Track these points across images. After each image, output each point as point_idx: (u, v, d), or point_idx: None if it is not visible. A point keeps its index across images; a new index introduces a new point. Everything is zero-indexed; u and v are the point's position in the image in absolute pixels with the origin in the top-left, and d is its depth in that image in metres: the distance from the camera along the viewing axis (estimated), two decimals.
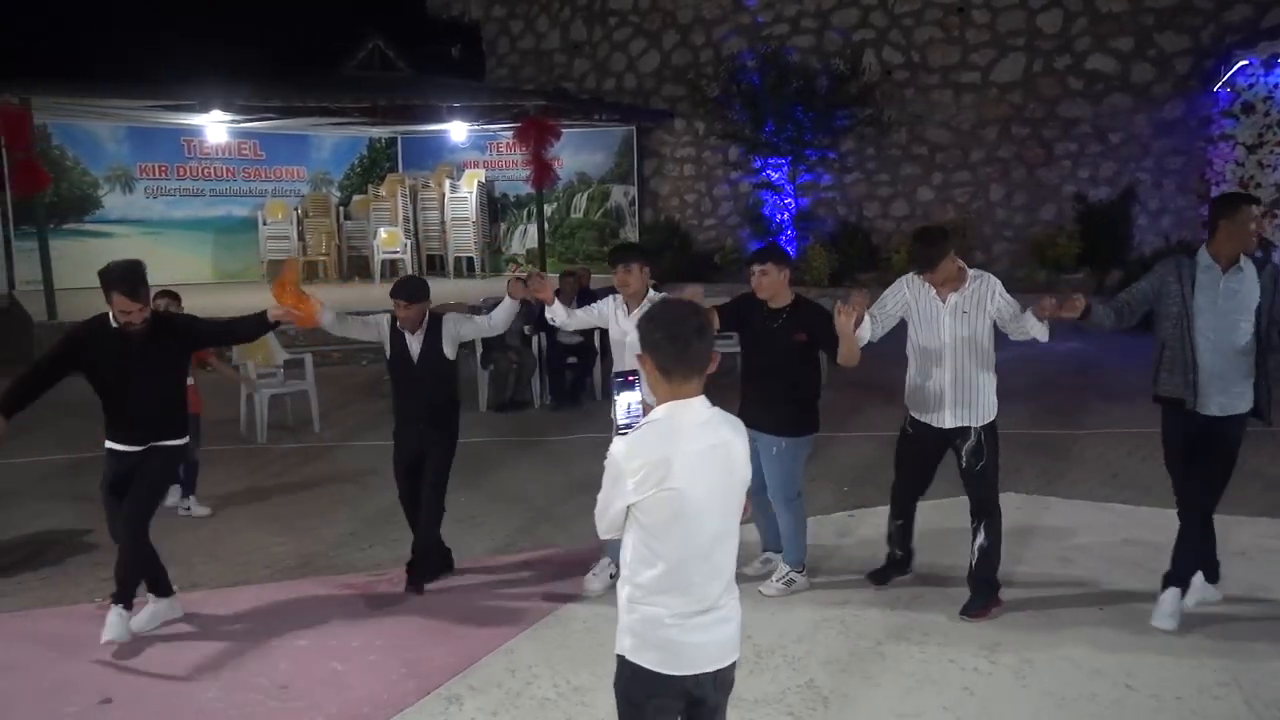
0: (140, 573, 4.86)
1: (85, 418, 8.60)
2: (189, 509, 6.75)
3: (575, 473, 7.29)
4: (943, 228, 5.21)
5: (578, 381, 10.16)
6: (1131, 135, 14.70)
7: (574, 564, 5.60)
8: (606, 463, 2.60)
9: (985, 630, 4.70)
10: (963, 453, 4.82)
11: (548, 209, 16.26)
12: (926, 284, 4.79)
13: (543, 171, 13.75)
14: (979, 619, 4.81)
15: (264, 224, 16.28)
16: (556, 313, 5.27)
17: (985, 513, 4.88)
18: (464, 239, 17.05)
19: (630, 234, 17.24)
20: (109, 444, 4.87)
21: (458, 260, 17.12)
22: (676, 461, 2.53)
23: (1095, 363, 11.40)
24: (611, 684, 4.23)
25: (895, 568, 5.28)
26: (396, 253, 16.37)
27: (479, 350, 9.93)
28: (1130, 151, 14.73)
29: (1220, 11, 14.09)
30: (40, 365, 4.86)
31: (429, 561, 5.38)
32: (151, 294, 4.99)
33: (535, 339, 10.07)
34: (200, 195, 16.45)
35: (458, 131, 17.14)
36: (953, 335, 4.74)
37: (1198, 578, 4.83)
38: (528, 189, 17.29)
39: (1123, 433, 7.89)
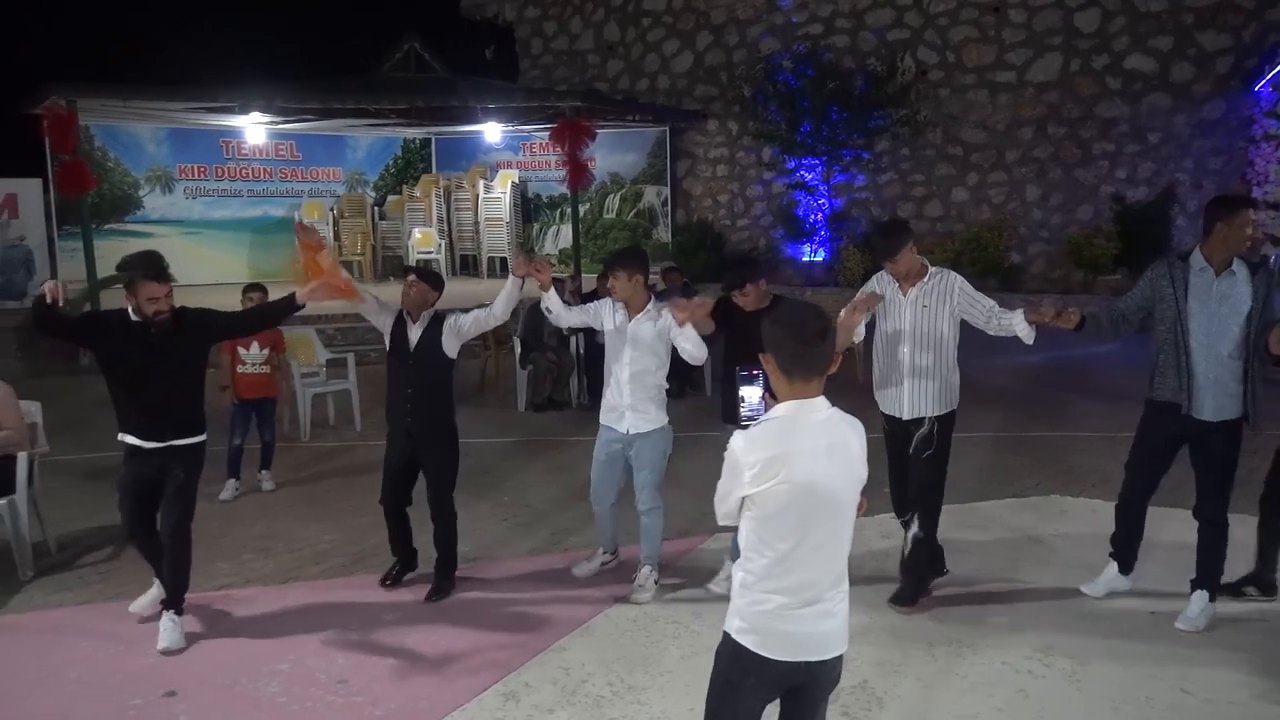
0: (187, 575, 4.86)
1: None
2: (261, 483, 7.33)
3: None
4: (904, 220, 5.28)
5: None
6: (1170, 135, 14.57)
7: (629, 563, 5.65)
8: (726, 455, 2.70)
9: (1037, 634, 4.70)
10: (915, 439, 4.88)
11: (580, 209, 16.32)
12: (892, 278, 4.86)
13: (578, 172, 13.79)
14: (908, 609, 4.89)
15: (302, 231, 16.39)
16: (551, 301, 5.29)
17: (924, 502, 4.95)
18: (497, 239, 17.14)
19: (663, 234, 17.29)
20: (125, 437, 4.78)
21: (491, 260, 17.21)
22: (792, 458, 2.62)
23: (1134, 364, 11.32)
24: (664, 684, 4.31)
25: (923, 580, 5.24)
26: (431, 253, 16.47)
27: (517, 350, 10.00)
28: (1169, 151, 14.60)
29: (1262, 10, 13.93)
30: (64, 316, 4.72)
31: (447, 570, 5.33)
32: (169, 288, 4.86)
33: (573, 339, 10.12)
34: (238, 196, 16.64)
35: (492, 132, 17.23)
36: (912, 328, 4.81)
37: (1111, 566, 5.04)
38: (560, 189, 17.39)
39: None
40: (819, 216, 16.19)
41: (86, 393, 9.96)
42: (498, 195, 17.12)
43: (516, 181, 17.40)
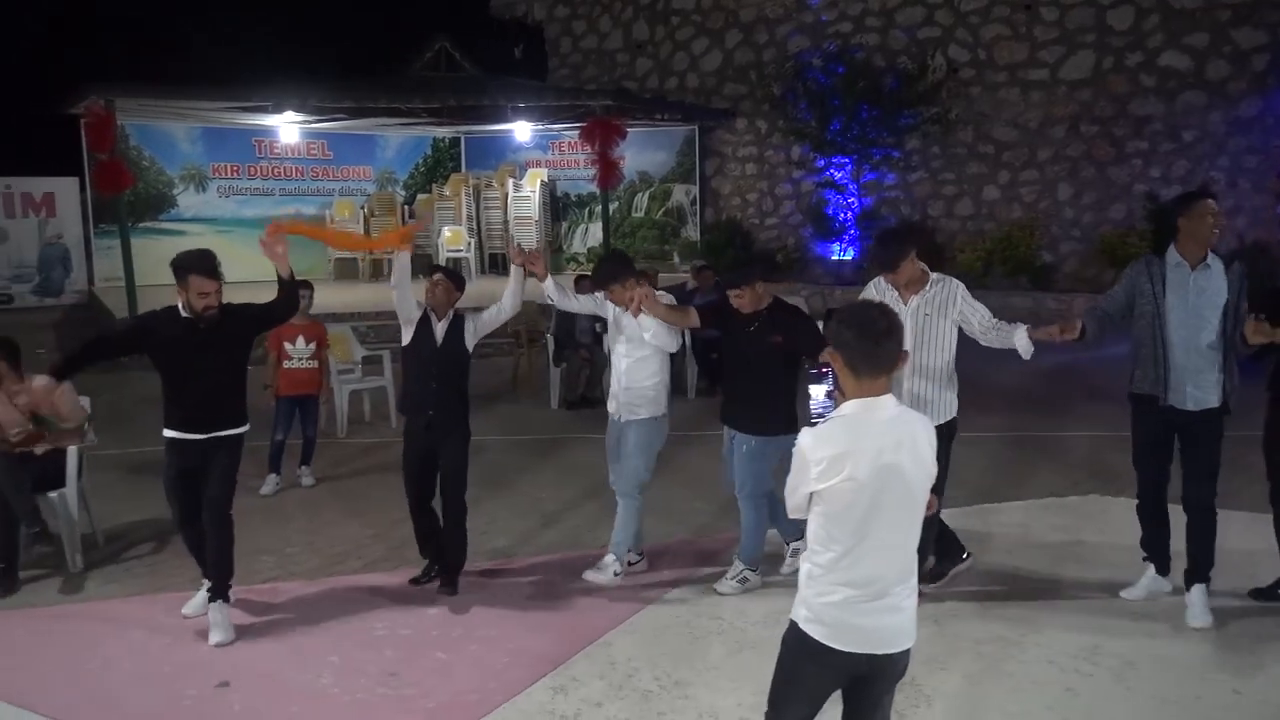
0: (231, 559, 4.95)
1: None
2: (300, 478, 7.42)
3: (677, 467, 7.37)
4: (903, 229, 5.34)
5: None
6: (1205, 133, 14.43)
7: (660, 557, 5.68)
8: (794, 451, 2.76)
9: (1082, 633, 4.69)
10: None
11: (609, 208, 16.36)
12: (891, 286, 4.86)
13: (608, 171, 13.83)
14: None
15: (332, 222, 16.52)
16: (549, 289, 5.39)
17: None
18: (526, 238, 17.16)
19: (691, 233, 17.31)
20: (169, 433, 4.89)
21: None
22: (858, 455, 2.67)
23: None
24: (710, 680, 4.33)
25: (944, 562, 5.27)
26: (460, 251, 16.55)
27: (550, 348, 10.04)
28: (1204, 150, 14.47)
29: None
30: (109, 337, 4.95)
31: (456, 561, 5.36)
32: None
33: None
34: (270, 194, 16.78)
35: (522, 131, 17.30)
36: (913, 336, 4.78)
37: (1149, 570, 5.01)
38: (589, 188, 17.42)
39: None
40: (848, 215, 16.16)
41: (126, 388, 10.11)
42: (527, 194, 17.18)
43: (545, 180, 17.45)
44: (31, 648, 4.74)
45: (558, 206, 17.93)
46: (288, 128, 16.15)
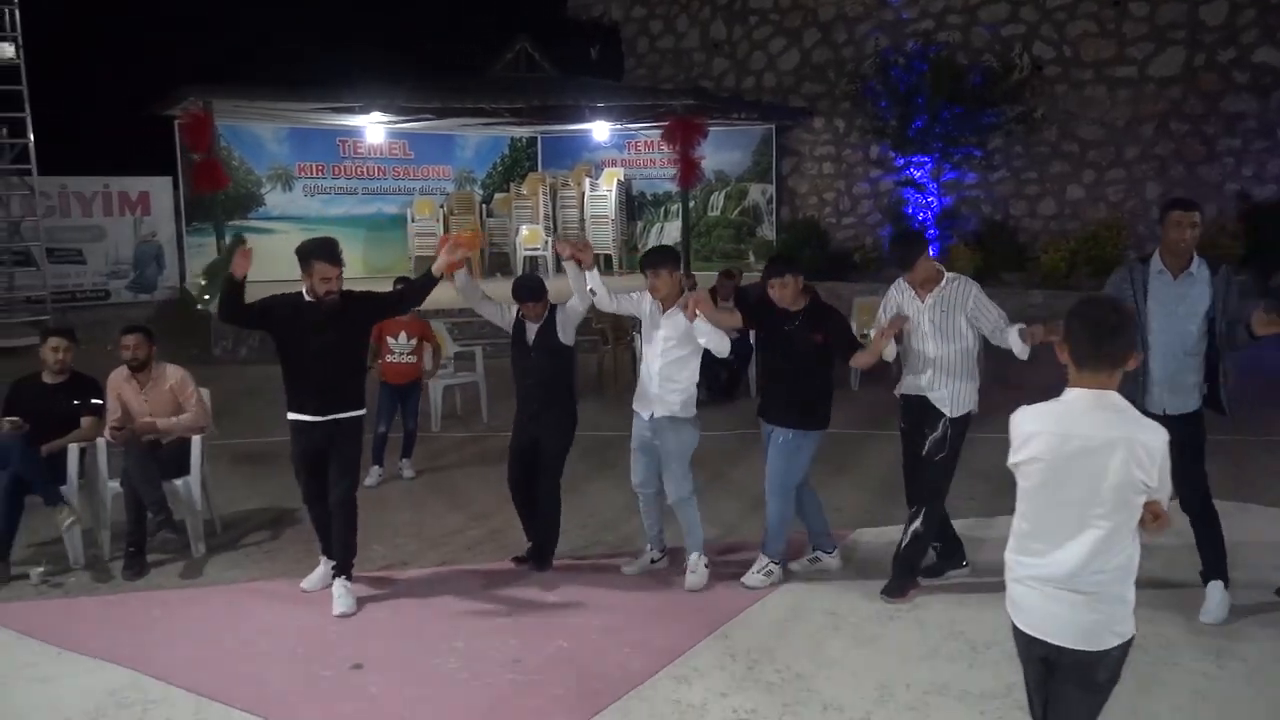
0: (355, 541, 5.25)
1: (271, 404, 9.13)
2: (401, 471, 7.58)
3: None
4: (919, 231, 5.44)
5: (733, 377, 10.26)
6: None
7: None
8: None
9: (1207, 636, 4.64)
10: (928, 441, 5.03)
11: None
12: (908, 285, 5.07)
13: (689, 170, 13.88)
14: (897, 600, 5.03)
15: (412, 221, 16.84)
16: (594, 281, 5.40)
17: (929, 500, 5.09)
18: (603, 237, 17.32)
19: (767, 232, 17.29)
20: (293, 415, 5.18)
21: (595, 258, 17.33)
22: (1055, 439, 2.74)
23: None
24: (831, 674, 4.37)
25: (944, 560, 5.38)
26: (537, 250, 16.72)
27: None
28: None
29: None
30: (249, 305, 5.13)
31: (548, 546, 5.61)
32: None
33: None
34: (353, 194, 17.11)
35: (601, 131, 17.41)
36: (930, 332, 4.99)
37: (1214, 586, 4.90)
38: (665, 187, 17.50)
39: None
40: (928, 214, 16.01)
41: (225, 381, 10.37)
42: (603, 193, 17.31)
43: (622, 179, 17.57)
44: (169, 628, 4.94)
45: (633, 206, 18.03)
46: (374, 127, 16.45)
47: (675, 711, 4.07)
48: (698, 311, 5.11)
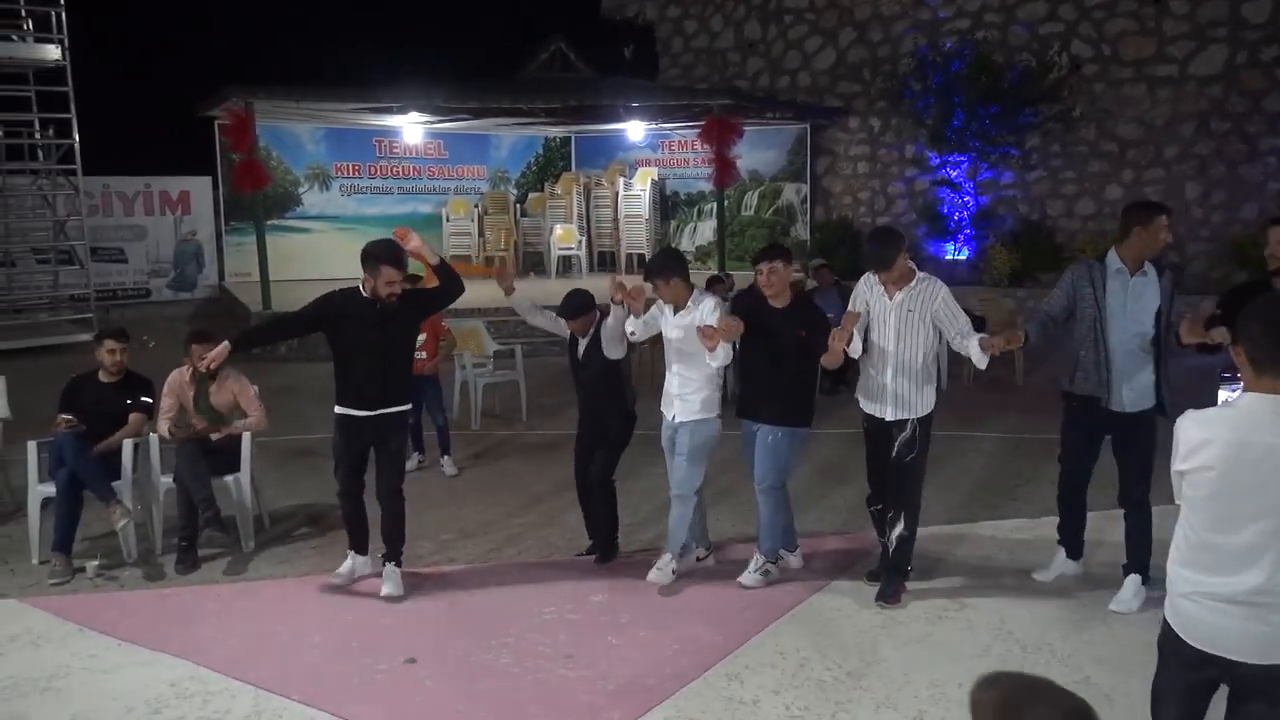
0: (404, 530, 5.41)
1: (311, 401, 9.21)
2: (443, 468, 7.68)
3: (818, 462, 7.47)
4: (895, 229, 5.39)
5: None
6: None
7: (821, 553, 5.72)
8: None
9: None
10: (897, 443, 5.01)
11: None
12: (879, 282, 5.02)
13: (725, 170, 13.88)
14: (892, 605, 5.01)
15: (447, 220, 16.96)
16: (635, 325, 5.40)
17: (906, 504, 5.07)
18: (636, 236, 17.37)
19: (801, 232, 17.26)
20: (340, 409, 5.29)
21: (629, 257, 17.45)
22: (1229, 447, 2.59)
23: None
24: (882, 672, 4.38)
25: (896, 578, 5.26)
26: (571, 249, 16.80)
27: None
28: None
29: None
30: (288, 318, 5.40)
31: (608, 544, 5.75)
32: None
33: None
34: (389, 193, 17.25)
35: (635, 131, 17.46)
36: (897, 332, 4.96)
37: (1060, 553, 5.31)
38: (698, 187, 17.52)
39: None
40: (963, 214, 15.93)
41: (265, 379, 10.48)
42: (637, 193, 17.35)
43: (656, 179, 17.60)
44: (223, 622, 5.02)
45: (667, 205, 18.06)
46: (411, 128, 16.57)
47: (728, 708, 4.09)
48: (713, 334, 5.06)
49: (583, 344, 5.61)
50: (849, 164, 17.36)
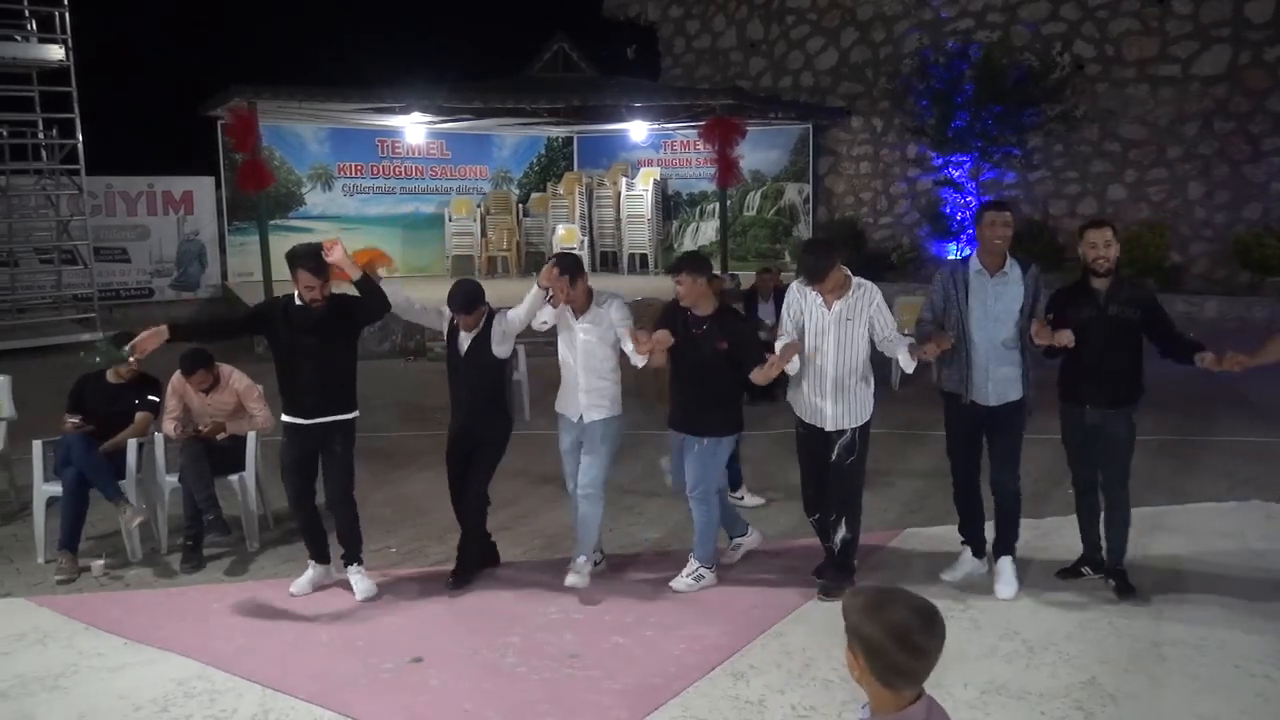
0: (359, 531, 5.39)
1: None
2: None
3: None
4: (829, 240, 5.40)
5: (767, 388, 10.16)
6: None
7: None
8: None
9: (1262, 637, 4.60)
10: (837, 447, 5.07)
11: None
12: (814, 291, 4.99)
13: (728, 170, 13.90)
14: (835, 597, 4.94)
15: (450, 220, 16.98)
16: (549, 315, 5.31)
17: (848, 506, 5.14)
18: (639, 236, 17.39)
19: (803, 232, 17.26)
20: (285, 418, 5.28)
21: (631, 257, 17.47)
22: None
23: None
24: None
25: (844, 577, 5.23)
26: (574, 249, 16.76)
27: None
28: None
29: None
30: (227, 317, 5.33)
31: (469, 556, 5.45)
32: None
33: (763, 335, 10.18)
34: (392, 193, 17.27)
35: (638, 131, 17.48)
36: (837, 341, 4.98)
37: (965, 553, 5.38)
38: (701, 187, 17.53)
39: None
40: (966, 214, 15.92)
41: (267, 379, 10.51)
42: (639, 192, 17.37)
43: (658, 179, 17.61)
44: (229, 620, 5.03)
45: (669, 205, 18.07)
46: (414, 128, 16.59)
47: (734, 708, 4.10)
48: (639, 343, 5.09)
49: (466, 339, 5.32)
50: (851, 164, 17.38)
